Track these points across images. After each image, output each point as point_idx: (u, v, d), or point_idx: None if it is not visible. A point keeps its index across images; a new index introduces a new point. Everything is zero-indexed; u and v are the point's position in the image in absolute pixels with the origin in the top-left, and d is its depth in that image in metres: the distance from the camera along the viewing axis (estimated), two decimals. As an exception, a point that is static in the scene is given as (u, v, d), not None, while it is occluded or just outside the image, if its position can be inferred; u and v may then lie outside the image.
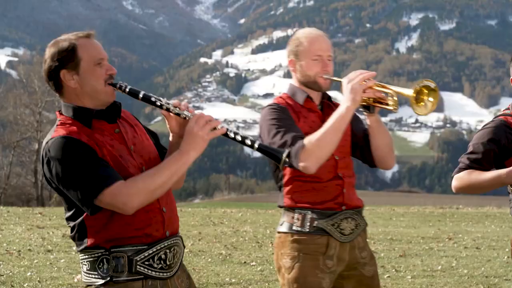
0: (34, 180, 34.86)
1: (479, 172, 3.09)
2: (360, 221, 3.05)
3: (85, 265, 2.43)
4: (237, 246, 9.59)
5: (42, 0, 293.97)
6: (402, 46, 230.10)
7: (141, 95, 2.44)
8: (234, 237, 10.62)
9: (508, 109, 3.22)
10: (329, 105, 3.10)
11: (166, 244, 2.45)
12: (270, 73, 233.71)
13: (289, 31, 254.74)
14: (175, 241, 2.50)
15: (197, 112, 2.44)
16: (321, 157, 2.82)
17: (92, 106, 2.45)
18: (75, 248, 2.51)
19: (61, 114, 2.49)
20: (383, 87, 2.82)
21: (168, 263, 2.46)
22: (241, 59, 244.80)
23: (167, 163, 2.37)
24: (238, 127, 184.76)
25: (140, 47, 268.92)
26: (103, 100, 2.45)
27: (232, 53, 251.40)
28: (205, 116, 2.40)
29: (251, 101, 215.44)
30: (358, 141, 3.08)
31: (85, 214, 2.37)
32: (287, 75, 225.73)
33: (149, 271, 2.41)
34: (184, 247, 2.59)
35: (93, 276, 2.41)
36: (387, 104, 2.83)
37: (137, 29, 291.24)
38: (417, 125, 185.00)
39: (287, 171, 2.98)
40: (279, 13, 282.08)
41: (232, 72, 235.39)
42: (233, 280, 6.89)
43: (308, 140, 2.82)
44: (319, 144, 2.79)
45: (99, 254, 2.39)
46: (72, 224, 2.42)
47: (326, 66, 3.00)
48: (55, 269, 7.16)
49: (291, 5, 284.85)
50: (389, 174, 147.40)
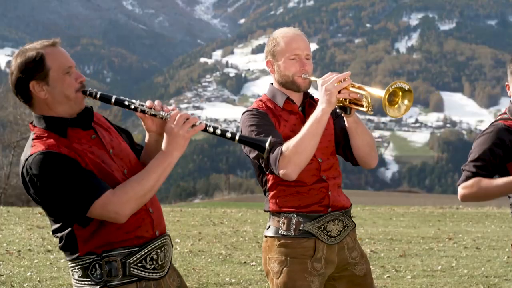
0: (34, 180, 34.84)
1: (489, 179, 3.04)
2: (347, 222, 3.02)
3: (76, 272, 2.40)
4: (237, 246, 9.59)
5: (42, 0, 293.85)
6: (402, 46, 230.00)
7: (113, 100, 2.42)
8: (234, 237, 10.61)
9: (505, 113, 3.21)
10: (311, 104, 3.06)
11: (156, 244, 2.45)
12: (270, 73, 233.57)
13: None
14: (164, 241, 2.50)
15: (172, 110, 2.42)
16: (300, 163, 2.79)
17: (64, 115, 2.41)
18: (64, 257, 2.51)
19: (34, 126, 2.43)
20: (359, 88, 2.78)
21: (160, 262, 2.46)
22: (241, 59, 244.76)
23: (153, 166, 2.35)
24: (238, 127, 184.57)
25: (140, 47, 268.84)
26: (74, 108, 2.42)
27: (232, 53, 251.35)
28: (183, 114, 2.38)
29: (251, 101, 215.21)
30: (339, 140, 3.06)
31: (73, 224, 2.35)
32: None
33: (143, 273, 2.41)
34: (172, 246, 2.58)
35: (86, 282, 2.39)
36: (362, 105, 2.79)
37: (137, 29, 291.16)
38: (417, 125, 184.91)
39: (271, 176, 2.96)
40: (279, 13, 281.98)
41: (232, 72, 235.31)
42: (233, 280, 6.89)
43: (286, 146, 2.79)
44: (297, 150, 2.76)
45: (91, 260, 2.37)
46: (60, 235, 2.40)
47: (304, 65, 2.96)
48: (55, 269, 7.17)
49: (291, 5, 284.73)
50: (389, 174, 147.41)
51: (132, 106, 2.42)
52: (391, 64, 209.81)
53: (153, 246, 2.45)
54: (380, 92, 2.66)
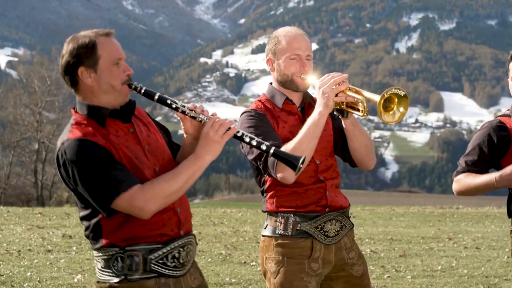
0: (34, 180, 34.83)
1: (474, 175, 3.11)
2: (345, 222, 3.02)
3: (99, 262, 2.44)
4: (237, 246, 9.59)
5: (42, 0, 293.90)
6: (402, 46, 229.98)
7: (156, 97, 2.45)
8: (234, 237, 10.61)
9: (508, 110, 3.24)
10: (310, 105, 3.05)
11: (180, 242, 2.47)
12: (270, 73, 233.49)
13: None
14: (188, 240, 2.51)
15: (211, 115, 2.46)
16: None
17: (107, 105, 2.44)
18: (88, 245, 2.54)
19: (76, 112, 2.47)
20: (355, 92, 2.78)
21: (181, 261, 2.47)
22: (241, 59, 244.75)
23: (183, 167, 2.37)
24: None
25: (140, 47, 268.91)
26: (118, 100, 2.45)
27: (232, 53, 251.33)
28: (220, 119, 2.41)
29: (251, 101, 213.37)
30: (337, 141, 3.06)
31: (100, 214, 2.39)
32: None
33: (163, 270, 2.43)
34: (197, 244, 2.60)
35: (107, 273, 2.42)
36: (358, 110, 2.79)
37: (137, 29, 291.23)
38: (417, 125, 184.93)
39: (268, 177, 2.96)
40: (279, 13, 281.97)
41: (232, 72, 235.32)
42: (233, 280, 6.89)
43: (284, 150, 2.78)
44: (294, 153, 2.73)
45: (114, 252, 2.40)
46: (86, 223, 2.44)
47: (304, 65, 2.95)
48: (55, 269, 7.16)
49: (291, 5, 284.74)
50: (389, 174, 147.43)
51: (173, 105, 2.45)
52: (391, 64, 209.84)
53: (176, 244, 2.46)
54: (376, 97, 2.67)
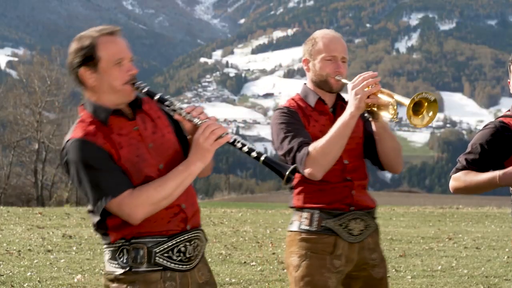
0: (34, 180, 34.84)
1: (475, 173, 3.10)
2: (370, 222, 3.05)
3: (107, 254, 2.47)
4: (237, 246, 9.59)
5: (42, 0, 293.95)
6: (402, 46, 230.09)
7: (157, 97, 2.45)
8: (234, 237, 10.62)
9: (509, 111, 3.24)
10: (342, 106, 3.07)
11: (186, 237, 2.47)
12: (270, 73, 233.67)
13: (289, 31, 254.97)
14: (196, 234, 2.52)
15: (206, 119, 2.43)
16: (326, 164, 2.84)
17: (109, 104, 2.45)
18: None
19: (83, 109, 2.49)
20: (387, 94, 2.81)
21: (187, 255, 2.48)
22: (241, 59, 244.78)
23: (173, 174, 2.38)
24: (238, 127, 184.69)
25: (140, 47, 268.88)
26: (121, 99, 2.46)
27: (232, 53, 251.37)
28: (212, 125, 2.38)
29: (251, 101, 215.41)
30: (367, 144, 3.09)
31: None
32: (287, 75, 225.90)
33: (168, 263, 2.43)
34: (206, 240, 2.61)
35: (114, 265, 2.45)
36: (388, 112, 2.82)
37: (137, 29, 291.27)
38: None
39: (297, 174, 2.98)
40: (279, 13, 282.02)
41: (232, 72, 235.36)
42: (233, 280, 6.89)
43: (313, 147, 2.84)
44: (323, 151, 2.82)
45: (120, 244, 2.42)
46: (93, 218, 2.46)
47: (339, 67, 2.99)
48: (55, 269, 7.16)
49: (291, 5, 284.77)
50: (389, 174, 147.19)
51: (171, 106, 2.45)
52: (391, 64, 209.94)
53: (182, 238, 2.46)
54: (406, 100, 2.70)
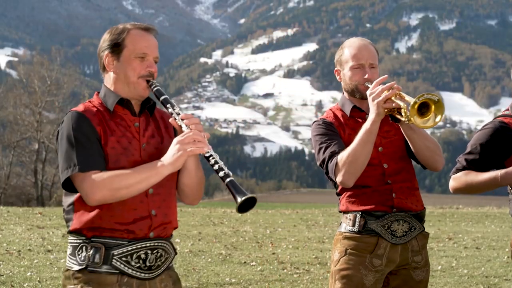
0: (34, 180, 34.83)
1: (476, 173, 3.11)
2: (414, 224, 3.10)
3: (69, 248, 2.48)
4: (237, 246, 9.59)
5: (42, 0, 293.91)
6: (402, 46, 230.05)
7: (162, 98, 2.49)
8: (234, 237, 10.62)
9: (507, 110, 3.23)
10: None
11: (148, 244, 2.44)
12: (270, 73, 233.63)
13: (289, 31, 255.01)
14: (160, 245, 2.47)
15: (193, 124, 2.42)
16: (354, 171, 2.93)
17: (124, 95, 2.49)
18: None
19: (97, 94, 2.55)
20: (401, 97, 2.86)
21: (147, 264, 2.44)
22: (241, 59, 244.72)
23: (141, 168, 2.38)
24: (238, 127, 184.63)
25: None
26: (134, 93, 2.49)
27: (232, 53, 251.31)
28: (195, 134, 2.38)
29: (251, 101, 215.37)
30: (407, 145, 3.13)
31: (77, 195, 2.42)
32: (287, 75, 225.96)
33: (125, 268, 2.41)
34: (175, 253, 2.56)
35: (72, 261, 2.45)
36: (401, 115, 2.87)
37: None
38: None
39: None
40: (279, 13, 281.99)
41: (232, 72, 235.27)
42: (233, 280, 6.89)
43: (341, 156, 2.93)
44: (350, 159, 2.90)
45: (81, 241, 2.42)
46: (65, 201, 2.48)
47: (366, 74, 3.05)
48: (55, 269, 7.16)
49: (291, 5, 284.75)
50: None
51: (169, 110, 2.47)
52: (391, 64, 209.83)
53: (144, 245, 2.43)
54: (412, 100, 2.75)
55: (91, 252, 2.40)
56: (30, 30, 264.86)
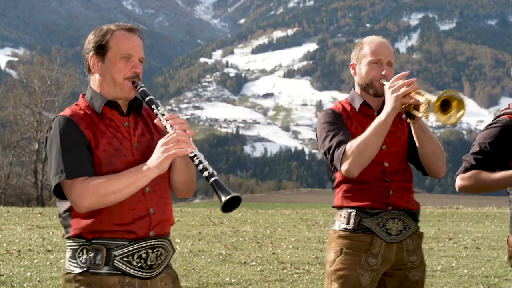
0: (34, 180, 34.83)
1: (488, 173, 3.07)
2: (409, 223, 3.07)
3: (69, 252, 2.46)
4: (237, 246, 9.59)
5: (42, 0, 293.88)
6: (402, 46, 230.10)
7: (147, 98, 2.48)
8: (234, 237, 10.62)
9: (508, 108, 3.21)
10: None
11: (148, 243, 2.44)
12: (270, 73, 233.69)
13: (289, 31, 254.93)
14: (160, 243, 2.48)
15: (177, 125, 2.41)
16: (362, 161, 2.90)
17: (110, 97, 2.48)
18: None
19: (83, 96, 2.55)
20: (422, 94, 2.84)
21: (149, 263, 2.44)
22: (241, 59, 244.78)
23: (128, 172, 2.38)
24: (238, 127, 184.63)
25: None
26: (120, 94, 2.48)
27: (232, 53, 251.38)
28: (179, 135, 2.36)
29: (251, 101, 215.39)
30: (412, 149, 3.12)
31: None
32: (287, 75, 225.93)
33: (127, 268, 2.41)
34: (173, 251, 2.57)
35: (73, 264, 2.43)
36: (419, 111, 2.85)
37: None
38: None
39: (338, 174, 3.07)
40: (279, 13, 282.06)
41: (232, 72, 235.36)
42: (233, 280, 6.89)
43: (350, 145, 2.91)
44: (359, 149, 2.88)
45: (81, 243, 2.41)
46: (60, 206, 2.47)
47: (383, 70, 3.05)
48: (55, 269, 7.16)
49: (291, 5, 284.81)
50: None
51: (155, 110, 2.47)
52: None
53: (144, 245, 2.43)
54: (433, 98, 2.74)
55: (92, 254, 2.39)
56: (30, 30, 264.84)
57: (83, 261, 2.40)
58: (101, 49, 2.47)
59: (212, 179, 2.29)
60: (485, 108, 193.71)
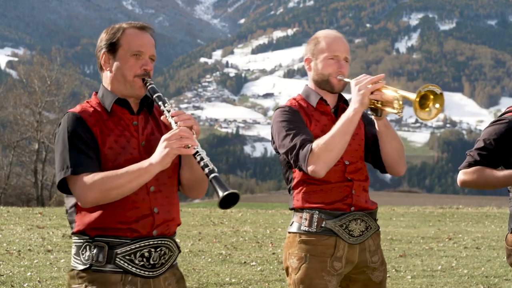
0: (34, 180, 34.82)
1: (491, 170, 3.06)
2: (370, 223, 3.02)
3: (74, 248, 2.48)
4: (237, 246, 9.59)
5: (42, 0, 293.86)
6: (402, 46, 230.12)
7: (155, 95, 2.49)
8: (234, 237, 10.62)
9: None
10: (344, 108, 3.06)
11: (151, 242, 2.44)
12: (270, 73, 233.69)
13: (289, 31, 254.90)
14: (164, 242, 2.47)
15: (181, 121, 2.41)
16: (329, 161, 2.81)
17: (121, 95, 2.50)
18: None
19: (95, 94, 2.56)
20: (391, 90, 2.81)
21: (151, 262, 2.44)
22: (241, 59, 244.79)
23: (131, 167, 2.37)
24: (238, 127, 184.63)
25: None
26: (130, 91, 2.50)
27: (232, 53, 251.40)
28: (182, 132, 2.36)
29: (251, 101, 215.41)
30: (369, 146, 3.07)
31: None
32: (287, 75, 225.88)
33: (129, 266, 2.41)
34: (179, 251, 2.57)
35: (77, 260, 2.45)
36: (393, 107, 2.80)
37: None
38: (417, 125, 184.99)
39: (297, 174, 2.98)
40: (279, 13, 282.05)
41: (232, 72, 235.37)
42: (233, 280, 6.89)
43: (316, 143, 2.81)
44: (327, 147, 2.79)
45: (84, 240, 2.43)
46: (67, 202, 2.50)
47: (341, 67, 2.99)
48: (55, 269, 7.16)
49: (291, 5, 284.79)
50: (389, 174, 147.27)
51: (161, 107, 2.47)
52: (391, 64, 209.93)
53: (147, 243, 2.43)
54: (411, 95, 2.69)
55: (95, 251, 2.40)
56: (30, 30, 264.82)
57: (86, 258, 2.42)
58: (112, 47, 2.49)
59: (211, 176, 2.29)
60: (485, 108, 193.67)
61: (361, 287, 3.02)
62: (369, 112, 2.96)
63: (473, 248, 9.72)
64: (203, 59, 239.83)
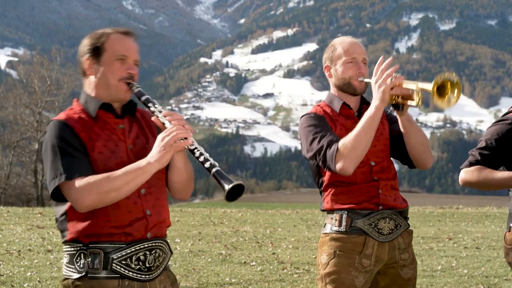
0: (34, 180, 34.82)
1: (491, 170, 3.06)
2: (400, 221, 3.07)
3: (66, 257, 2.46)
4: (237, 246, 9.59)
5: (42, 0, 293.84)
6: (402, 46, 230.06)
7: (143, 98, 2.48)
8: (234, 237, 10.62)
9: None
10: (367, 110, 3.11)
11: (146, 245, 2.43)
12: (270, 73, 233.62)
13: (289, 31, 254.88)
14: (158, 244, 2.47)
15: (175, 120, 2.41)
16: (356, 157, 2.88)
17: (106, 99, 2.48)
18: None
19: (77, 100, 2.54)
20: (410, 83, 2.85)
21: (147, 265, 2.44)
22: (241, 59, 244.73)
23: (128, 168, 2.36)
24: (238, 127, 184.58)
25: (140, 47, 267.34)
26: (114, 96, 2.48)
27: (232, 53, 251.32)
28: (178, 129, 2.36)
29: (251, 101, 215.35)
30: (395, 144, 3.12)
31: (68, 204, 2.41)
32: (287, 75, 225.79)
33: (126, 271, 2.40)
34: (171, 253, 2.56)
35: (71, 269, 2.43)
36: (412, 99, 2.85)
37: (137, 29, 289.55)
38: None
39: (326, 177, 3.06)
40: (279, 13, 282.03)
41: (232, 72, 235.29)
42: (233, 280, 6.89)
43: (341, 142, 2.89)
44: (352, 145, 2.86)
45: (78, 248, 2.40)
46: (57, 211, 2.47)
47: (360, 68, 3.06)
48: (55, 269, 7.17)
49: (291, 5, 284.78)
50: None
51: (151, 108, 2.47)
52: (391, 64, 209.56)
53: (142, 246, 2.43)
54: (428, 85, 2.73)
55: (90, 258, 2.38)
56: (30, 30, 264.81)
57: (81, 266, 2.39)
58: (96, 51, 2.47)
59: (214, 170, 2.29)
60: (485, 108, 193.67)
61: (390, 281, 3.09)
62: (391, 108, 3.01)
63: (473, 248, 9.73)
64: (203, 59, 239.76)
